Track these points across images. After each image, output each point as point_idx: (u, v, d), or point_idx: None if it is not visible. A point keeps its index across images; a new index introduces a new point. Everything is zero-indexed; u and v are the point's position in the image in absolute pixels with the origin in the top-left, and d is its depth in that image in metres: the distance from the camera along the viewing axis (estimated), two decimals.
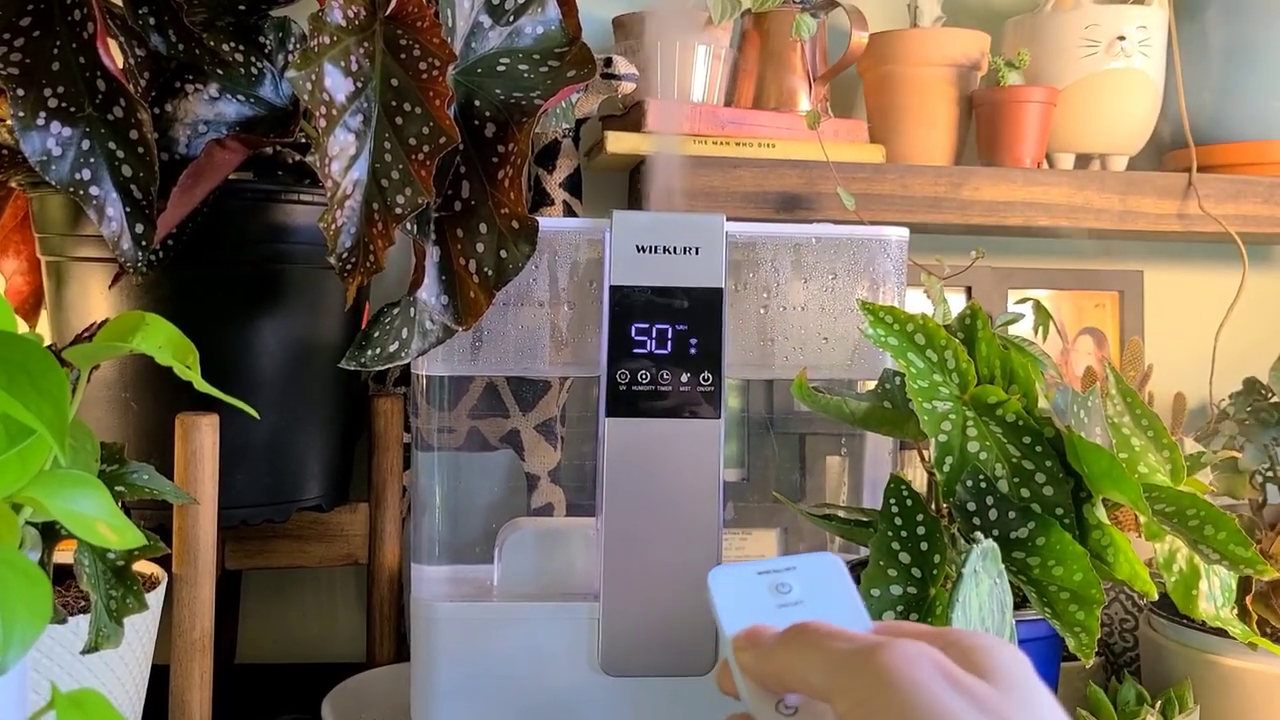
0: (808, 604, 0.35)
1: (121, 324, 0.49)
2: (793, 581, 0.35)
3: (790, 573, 0.36)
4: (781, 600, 0.35)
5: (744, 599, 0.35)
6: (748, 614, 0.34)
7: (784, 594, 0.35)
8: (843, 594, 0.35)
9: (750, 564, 0.36)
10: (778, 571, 0.36)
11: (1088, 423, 0.57)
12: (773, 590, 0.35)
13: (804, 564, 0.36)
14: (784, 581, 0.35)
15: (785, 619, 0.34)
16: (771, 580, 0.35)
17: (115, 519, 0.46)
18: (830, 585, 0.35)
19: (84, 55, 0.57)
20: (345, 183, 0.56)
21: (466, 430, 0.74)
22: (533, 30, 0.63)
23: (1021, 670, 0.30)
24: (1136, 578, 0.53)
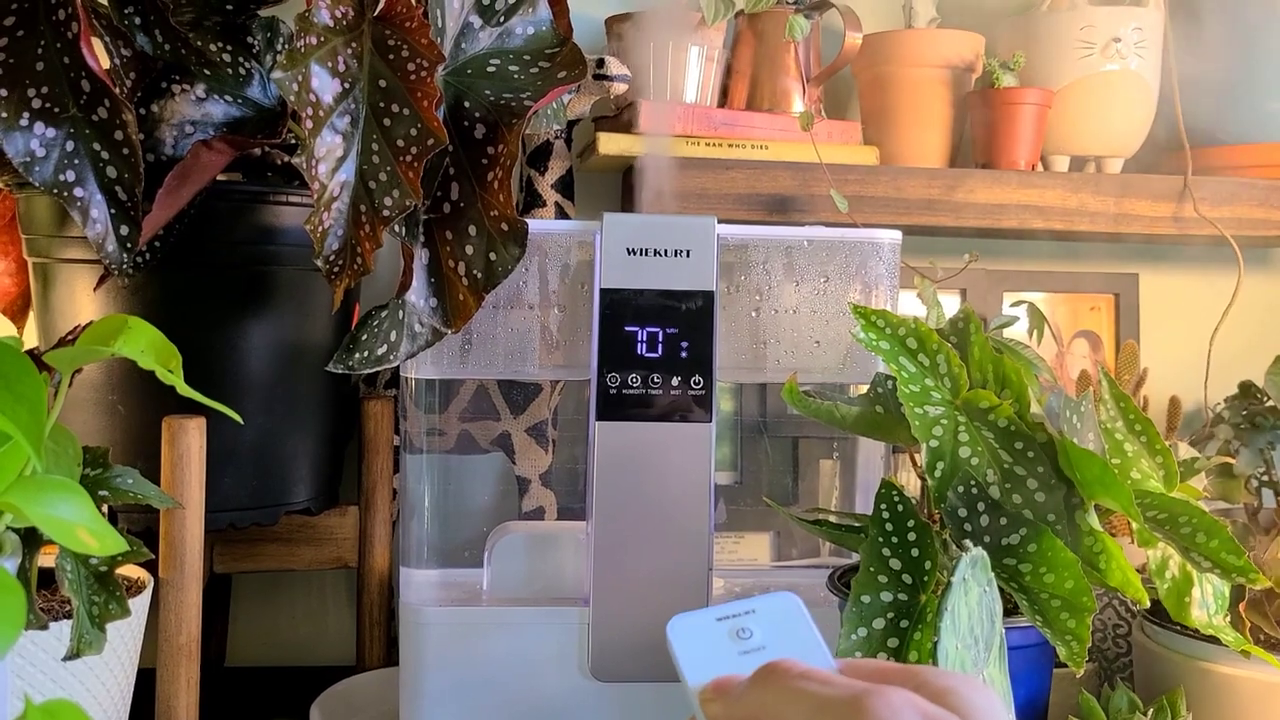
0: (770, 649, 0.34)
1: (103, 327, 0.49)
2: (753, 626, 0.35)
3: (750, 617, 0.35)
4: (743, 647, 0.34)
5: (705, 648, 0.34)
6: (710, 664, 0.34)
7: (745, 639, 0.34)
8: (805, 635, 0.35)
9: (708, 611, 0.35)
10: (737, 616, 0.35)
11: (1080, 428, 0.56)
12: (733, 636, 0.34)
13: (763, 606, 0.35)
14: (744, 626, 0.35)
15: (748, 666, 0.33)
16: (731, 626, 0.35)
17: (96, 524, 0.46)
18: (792, 626, 0.35)
19: (68, 55, 0.56)
20: (332, 185, 0.56)
21: (457, 433, 0.73)
22: (523, 31, 0.63)
23: (994, 711, 0.30)
24: (1129, 585, 0.53)
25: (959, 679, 0.31)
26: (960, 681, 0.31)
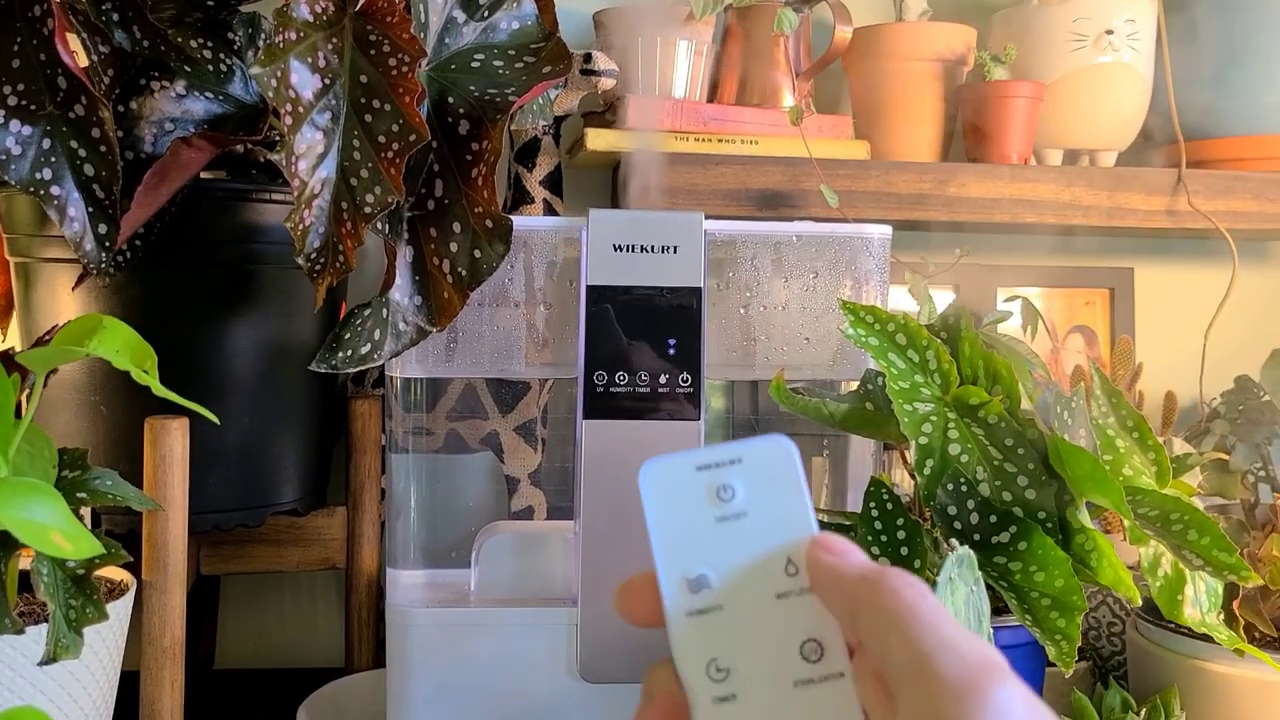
0: (752, 517, 0.30)
1: (78, 327, 0.48)
2: (736, 483, 0.30)
3: (734, 469, 0.30)
4: (722, 511, 0.30)
5: (678, 505, 0.30)
6: (681, 526, 0.30)
7: (725, 501, 0.30)
8: (793, 501, 0.30)
9: (689, 456, 0.30)
10: (720, 466, 0.30)
11: (1071, 424, 0.56)
12: (712, 495, 0.30)
13: (752, 456, 0.30)
14: (726, 483, 0.30)
15: (724, 539, 0.30)
16: (712, 480, 0.30)
17: (70, 527, 0.45)
18: (780, 488, 0.30)
19: (44, 52, 0.55)
20: (313, 181, 0.55)
21: (444, 432, 0.73)
22: (508, 25, 0.62)
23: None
24: (1120, 583, 0.52)
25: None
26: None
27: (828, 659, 0.28)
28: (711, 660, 0.29)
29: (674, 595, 0.29)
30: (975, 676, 0.24)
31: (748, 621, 0.29)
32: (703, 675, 0.28)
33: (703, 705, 0.28)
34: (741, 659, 0.29)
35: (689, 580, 0.29)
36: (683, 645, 0.29)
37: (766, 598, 0.29)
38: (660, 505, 0.30)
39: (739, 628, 0.29)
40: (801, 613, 0.29)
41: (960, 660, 0.25)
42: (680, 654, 0.29)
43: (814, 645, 0.29)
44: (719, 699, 0.28)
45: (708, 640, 0.29)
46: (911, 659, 0.25)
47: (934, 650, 0.25)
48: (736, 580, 0.29)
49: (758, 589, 0.29)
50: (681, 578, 0.29)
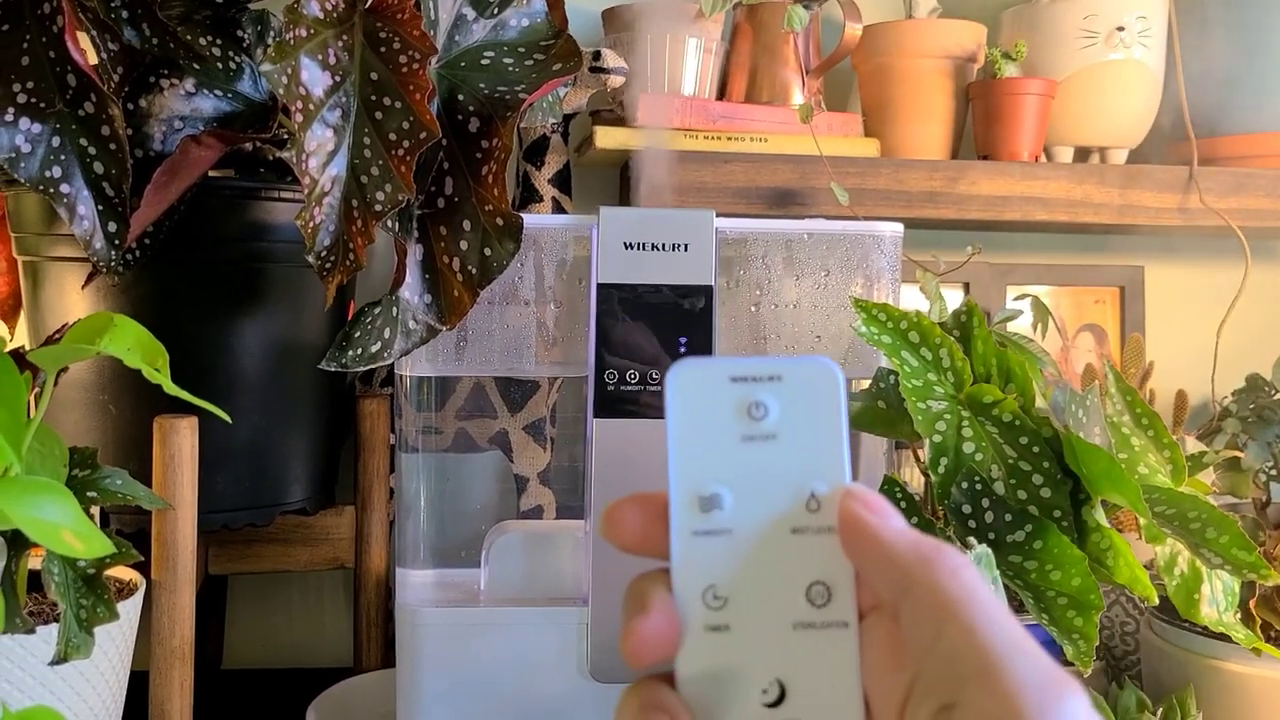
0: (783, 440, 0.27)
1: (89, 325, 0.48)
2: (771, 401, 0.28)
3: (771, 386, 0.28)
4: (750, 430, 0.27)
5: (705, 415, 0.27)
6: (705, 439, 0.27)
7: (755, 420, 0.27)
8: (828, 432, 0.28)
9: (725, 364, 0.28)
10: (757, 381, 0.28)
11: (1086, 422, 0.55)
12: (742, 411, 0.27)
13: (792, 375, 0.28)
14: (760, 401, 0.28)
15: (749, 458, 0.27)
16: (745, 394, 0.28)
17: (81, 526, 0.45)
18: (818, 414, 0.28)
19: (54, 50, 0.55)
20: (323, 179, 0.55)
21: (453, 431, 0.72)
22: (518, 23, 0.62)
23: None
24: (1136, 582, 0.52)
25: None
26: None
27: (834, 606, 0.27)
28: (710, 586, 0.27)
29: (683, 511, 0.27)
30: (1051, 685, 0.24)
31: (756, 552, 0.27)
32: (698, 600, 0.27)
33: (693, 631, 0.27)
34: (742, 590, 0.27)
35: (701, 498, 0.27)
36: (683, 565, 0.27)
37: (781, 530, 0.27)
38: (684, 411, 0.27)
39: (745, 557, 0.27)
40: (815, 552, 0.27)
41: (1034, 667, 0.24)
42: (679, 574, 0.27)
43: (822, 589, 0.27)
44: (711, 627, 0.27)
45: (710, 564, 0.27)
46: (978, 657, 0.24)
47: (1007, 653, 0.24)
48: (752, 507, 0.27)
49: (773, 520, 0.27)
50: (694, 493, 0.27)
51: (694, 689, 0.26)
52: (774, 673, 0.27)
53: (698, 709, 0.26)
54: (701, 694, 0.26)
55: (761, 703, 0.26)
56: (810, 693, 0.26)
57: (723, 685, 0.26)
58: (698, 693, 0.26)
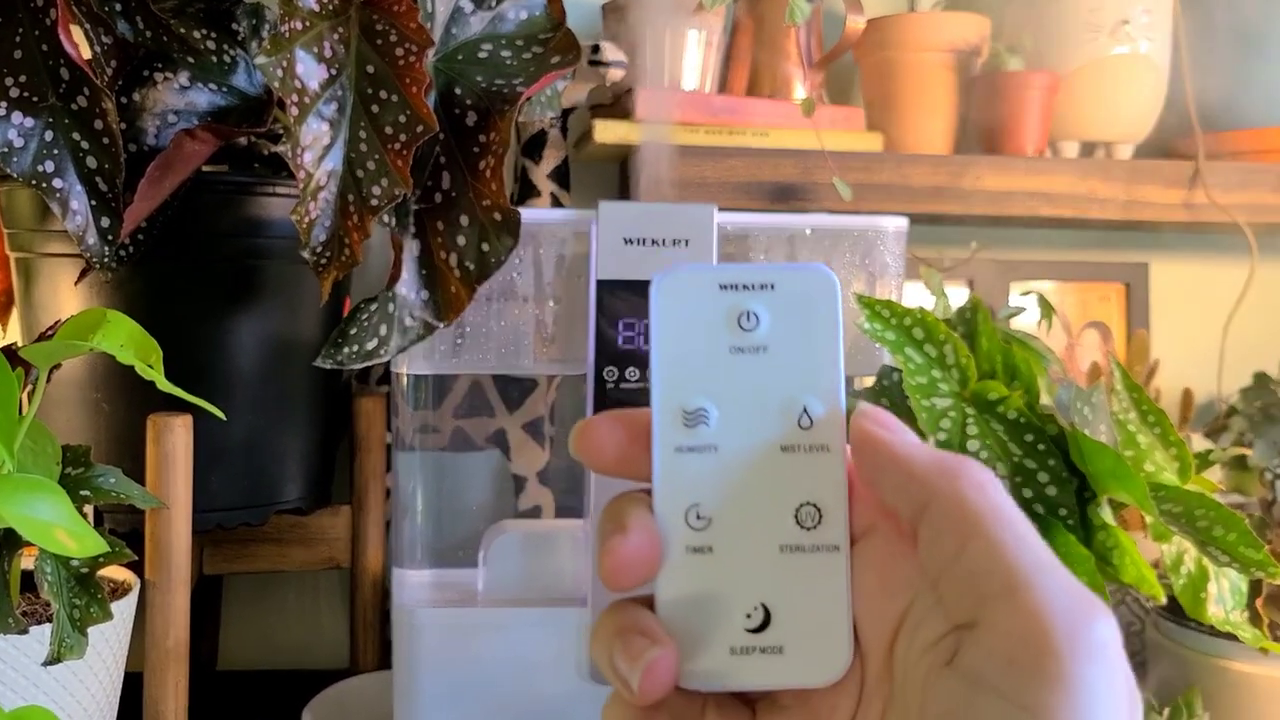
0: (772, 352, 0.26)
1: (82, 322, 0.47)
2: (763, 310, 0.26)
3: (763, 295, 0.26)
4: (739, 340, 0.26)
5: (691, 324, 0.26)
6: (690, 349, 0.26)
7: (745, 330, 0.26)
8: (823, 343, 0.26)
9: (716, 270, 0.26)
10: (748, 290, 0.26)
11: (1092, 420, 0.54)
12: (732, 320, 0.26)
13: (786, 283, 0.26)
14: (751, 309, 0.26)
15: (735, 369, 0.26)
16: (735, 303, 0.26)
17: (74, 525, 0.44)
18: (811, 326, 0.26)
19: (46, 43, 0.54)
20: (319, 174, 0.54)
21: (450, 430, 0.72)
22: (516, 15, 0.61)
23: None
24: (1143, 581, 0.51)
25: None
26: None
27: (825, 528, 0.25)
28: (694, 506, 0.26)
29: (666, 425, 0.26)
30: (1081, 606, 0.22)
31: (743, 470, 0.26)
32: (680, 519, 0.25)
33: (675, 552, 0.25)
34: (727, 510, 0.26)
35: (686, 412, 0.26)
36: (665, 483, 0.26)
37: (770, 447, 0.26)
38: (670, 320, 0.26)
39: (731, 475, 0.26)
40: (806, 471, 0.26)
41: (1063, 587, 0.22)
42: (661, 492, 0.26)
43: (812, 510, 0.26)
44: (694, 549, 0.25)
45: (694, 483, 0.26)
46: (1004, 575, 0.22)
47: (1034, 571, 0.22)
48: (739, 422, 0.26)
49: (761, 436, 0.26)
50: (678, 407, 0.26)
51: (674, 612, 0.25)
52: (759, 597, 0.25)
53: (678, 633, 0.25)
54: (682, 618, 0.25)
55: (745, 627, 0.25)
56: (797, 618, 0.25)
57: (704, 609, 0.25)
58: (678, 616, 0.25)
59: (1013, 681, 0.21)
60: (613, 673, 0.25)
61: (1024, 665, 0.21)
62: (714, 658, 0.25)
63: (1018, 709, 0.21)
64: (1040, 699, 0.21)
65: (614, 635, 0.25)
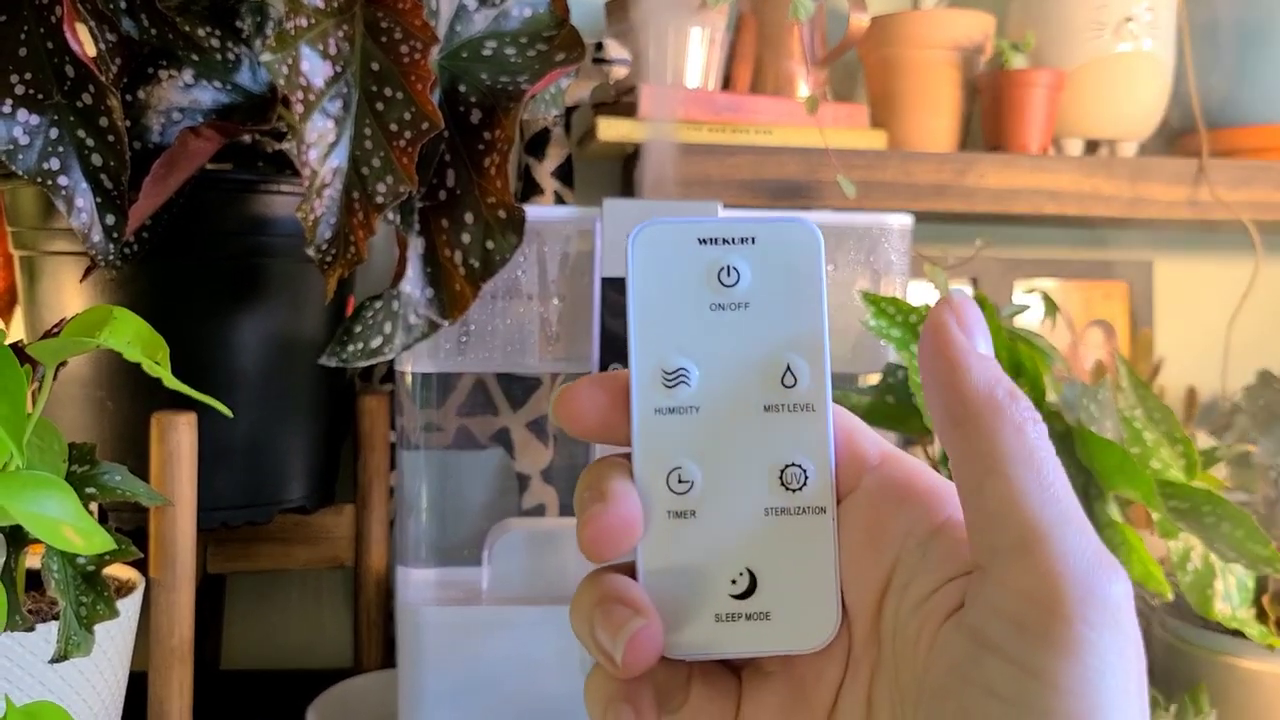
0: (754, 308, 0.25)
1: (88, 318, 0.47)
2: (743, 265, 0.25)
3: (744, 249, 0.25)
4: (719, 297, 0.25)
5: (669, 281, 0.25)
6: (667, 307, 0.25)
7: (726, 286, 0.25)
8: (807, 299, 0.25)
9: (694, 223, 0.25)
10: (729, 244, 0.25)
11: (1098, 417, 0.54)
12: (711, 276, 0.25)
13: (768, 237, 0.25)
14: (731, 265, 0.25)
15: (715, 327, 0.25)
16: (715, 258, 0.25)
17: (82, 522, 0.44)
18: (794, 281, 0.25)
19: (52, 40, 0.54)
20: (324, 171, 0.54)
21: (455, 428, 0.72)
22: (520, 12, 0.61)
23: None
24: (1150, 577, 0.51)
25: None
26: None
27: (811, 489, 0.25)
28: (675, 469, 0.25)
29: (645, 387, 0.25)
30: (1096, 568, 0.21)
31: (725, 431, 0.25)
32: (662, 484, 0.25)
33: (657, 517, 0.25)
34: (710, 472, 0.25)
35: (665, 373, 0.25)
36: (645, 446, 0.25)
37: (753, 407, 0.25)
38: (647, 277, 0.25)
39: (713, 436, 0.25)
40: (791, 431, 0.25)
41: (1084, 544, 0.21)
42: (640, 456, 0.25)
43: (797, 471, 0.25)
44: (676, 514, 0.25)
45: (675, 445, 0.25)
46: (1020, 524, 0.21)
47: (1050, 525, 0.21)
48: (721, 381, 0.25)
49: (744, 395, 0.25)
50: (657, 367, 0.25)
51: (658, 580, 0.24)
52: (744, 562, 0.25)
53: (661, 601, 0.24)
54: (666, 585, 0.24)
55: (730, 594, 0.25)
56: (783, 583, 0.24)
57: (688, 575, 0.25)
58: (662, 584, 0.24)
59: (1020, 644, 0.21)
60: (595, 645, 0.24)
61: (1032, 628, 0.21)
62: (699, 626, 0.25)
63: (1025, 674, 0.21)
64: (1048, 665, 0.20)
65: (594, 606, 0.24)
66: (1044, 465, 0.22)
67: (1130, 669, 0.21)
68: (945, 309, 0.24)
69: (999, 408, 0.23)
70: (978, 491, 0.22)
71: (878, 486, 0.25)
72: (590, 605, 0.24)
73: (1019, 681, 0.21)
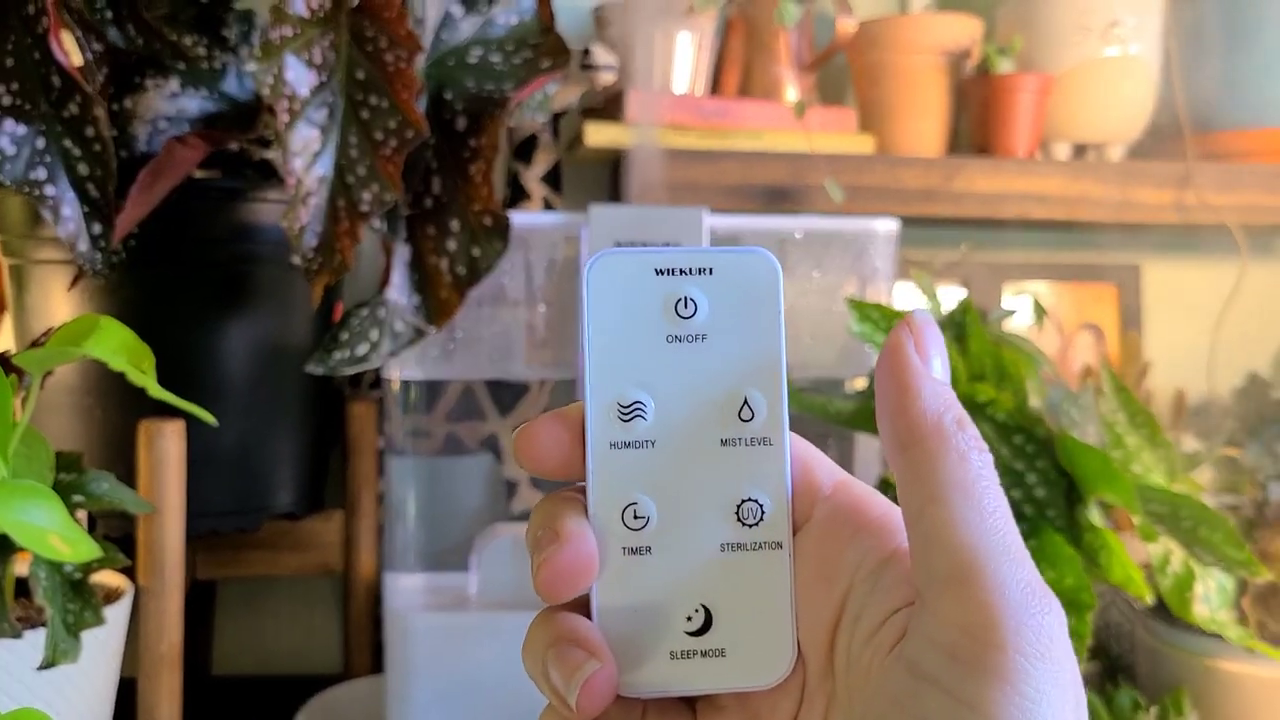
0: (711, 340, 0.25)
1: (75, 328, 0.47)
2: (701, 296, 0.25)
3: (701, 280, 0.25)
4: (675, 329, 0.25)
5: (625, 312, 0.25)
6: (622, 339, 0.25)
7: (683, 318, 0.25)
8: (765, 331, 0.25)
9: (650, 254, 0.25)
10: (685, 275, 0.25)
11: (1080, 421, 0.55)
12: (669, 307, 0.25)
13: (725, 267, 0.25)
14: (688, 296, 0.25)
15: (672, 359, 0.25)
16: (672, 289, 0.25)
17: (69, 530, 0.44)
18: (752, 313, 0.25)
19: (38, 50, 0.55)
20: (309, 179, 0.54)
21: (442, 434, 0.72)
22: (505, 20, 0.61)
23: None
24: (1130, 581, 0.51)
25: None
26: None
27: (767, 525, 0.25)
28: (630, 505, 0.24)
29: (600, 420, 0.24)
30: (1030, 599, 0.21)
31: (681, 465, 0.25)
32: (617, 520, 0.24)
33: (612, 555, 0.24)
34: (665, 508, 0.25)
35: (621, 406, 0.25)
36: (600, 482, 0.24)
37: (709, 441, 0.25)
38: (603, 308, 0.25)
39: (669, 471, 0.25)
40: (747, 465, 0.25)
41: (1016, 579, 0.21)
42: (595, 492, 0.24)
43: (754, 506, 0.25)
44: (631, 550, 0.24)
45: (630, 480, 0.24)
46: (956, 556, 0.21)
47: (987, 557, 0.21)
48: (677, 415, 0.25)
49: (700, 429, 0.25)
50: (613, 401, 0.25)
51: (612, 619, 0.24)
52: (699, 598, 0.25)
53: (616, 640, 0.24)
54: (621, 623, 0.24)
55: (685, 630, 0.24)
56: (739, 619, 0.24)
57: (644, 613, 0.24)
58: (616, 622, 0.24)
59: (955, 676, 0.21)
60: (548, 687, 0.23)
61: (967, 659, 0.21)
62: (654, 664, 0.24)
63: (961, 705, 0.21)
64: (983, 695, 0.20)
65: (548, 647, 0.23)
66: (985, 495, 0.22)
67: (1065, 699, 0.21)
68: (904, 330, 0.24)
69: (945, 435, 0.23)
70: (919, 518, 0.22)
71: (829, 517, 0.25)
72: (544, 646, 0.24)
73: (954, 712, 0.21)
